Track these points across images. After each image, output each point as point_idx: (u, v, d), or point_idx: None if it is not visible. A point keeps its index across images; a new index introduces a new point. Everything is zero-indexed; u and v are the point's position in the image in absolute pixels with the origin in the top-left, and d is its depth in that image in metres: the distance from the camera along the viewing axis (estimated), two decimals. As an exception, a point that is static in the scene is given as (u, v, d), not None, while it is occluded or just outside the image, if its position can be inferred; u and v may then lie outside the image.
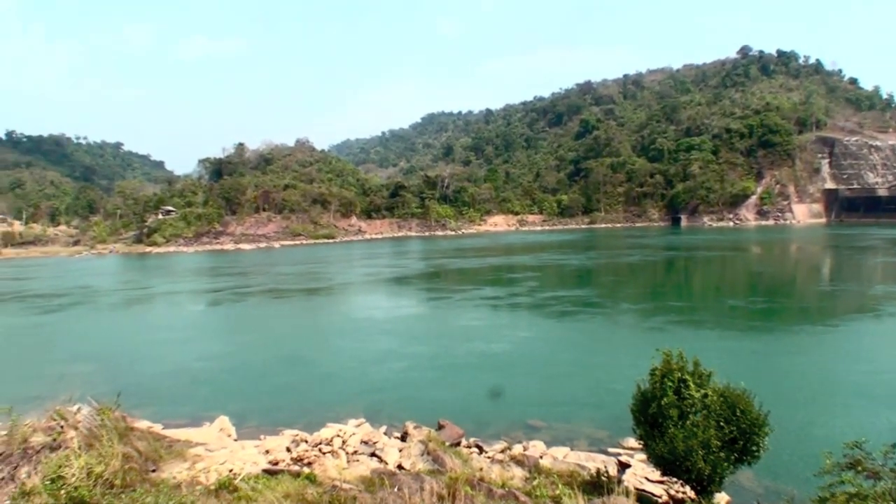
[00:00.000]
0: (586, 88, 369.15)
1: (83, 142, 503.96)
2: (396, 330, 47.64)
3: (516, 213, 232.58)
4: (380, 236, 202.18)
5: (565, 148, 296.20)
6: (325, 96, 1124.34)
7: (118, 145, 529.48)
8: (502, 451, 21.38)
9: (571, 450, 22.06)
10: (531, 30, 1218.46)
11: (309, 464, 19.02)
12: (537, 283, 71.99)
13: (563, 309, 54.17)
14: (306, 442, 21.51)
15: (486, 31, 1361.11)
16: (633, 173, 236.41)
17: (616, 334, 44.76)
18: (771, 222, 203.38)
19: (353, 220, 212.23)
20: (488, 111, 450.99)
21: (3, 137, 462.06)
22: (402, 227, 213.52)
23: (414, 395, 29.74)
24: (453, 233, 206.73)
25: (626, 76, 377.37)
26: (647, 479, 18.13)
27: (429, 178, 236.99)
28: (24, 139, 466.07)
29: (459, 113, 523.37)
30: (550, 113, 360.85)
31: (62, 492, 12.28)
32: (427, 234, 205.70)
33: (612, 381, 29.43)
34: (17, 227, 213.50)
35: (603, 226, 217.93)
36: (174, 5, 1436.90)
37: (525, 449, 21.84)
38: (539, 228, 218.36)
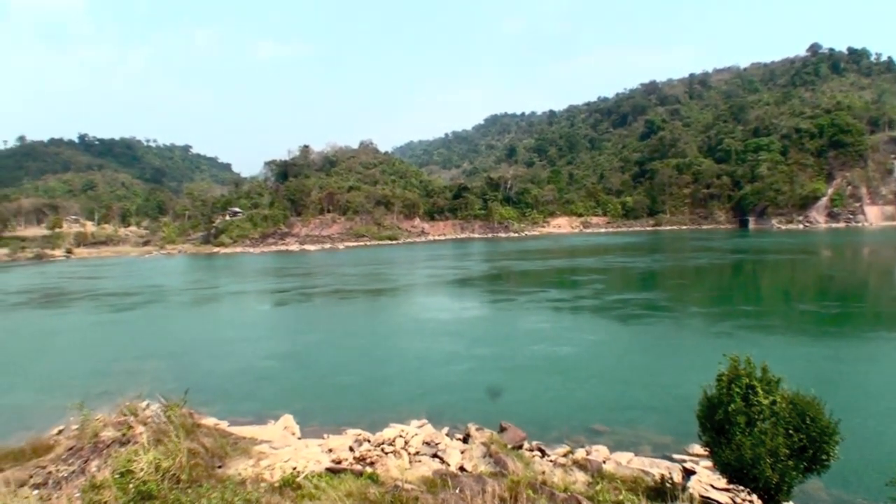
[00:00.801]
0: (651, 88, 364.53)
1: (153, 144, 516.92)
2: (460, 331, 47.59)
3: (580, 215, 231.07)
4: (443, 238, 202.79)
5: (630, 149, 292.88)
6: (389, 98, 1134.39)
7: (187, 148, 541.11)
8: (565, 455, 21.20)
9: (635, 455, 21.72)
10: (595, 30, 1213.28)
11: (371, 463, 19.10)
12: (602, 286, 71.13)
13: (629, 312, 53.50)
14: (369, 441, 21.61)
15: (549, 32, 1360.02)
16: (700, 174, 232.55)
17: (682, 338, 43.92)
18: (842, 225, 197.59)
19: (417, 221, 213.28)
20: (551, 112, 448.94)
21: (77, 140, 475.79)
22: (465, 228, 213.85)
23: (476, 397, 29.67)
24: (516, 234, 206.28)
25: (692, 76, 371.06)
26: (712, 486, 17.77)
27: (492, 180, 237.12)
28: (97, 142, 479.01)
29: (522, 114, 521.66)
30: (615, 113, 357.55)
31: (131, 486, 12.53)
32: (490, 235, 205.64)
33: (677, 386, 28.97)
34: (90, 227, 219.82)
35: (668, 228, 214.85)
36: (243, 10, 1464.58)
37: (588, 453, 21.60)
38: (603, 230, 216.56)
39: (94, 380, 34.51)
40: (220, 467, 15.92)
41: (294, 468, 15.62)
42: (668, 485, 15.75)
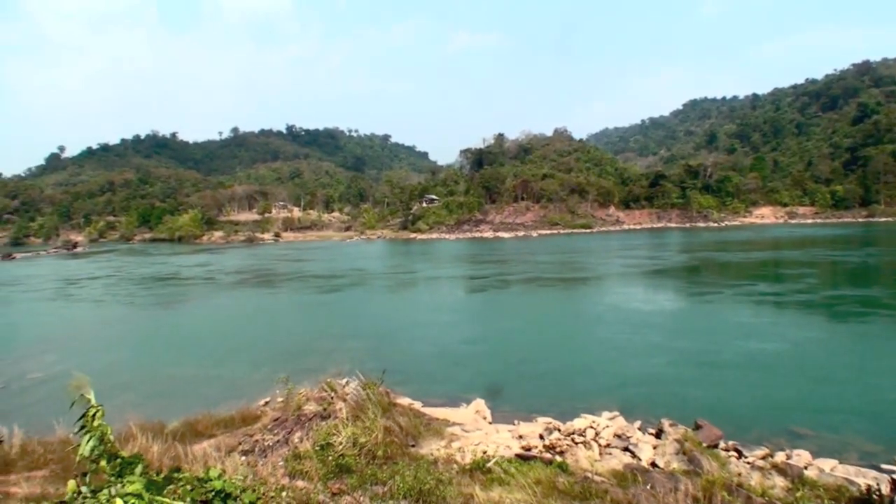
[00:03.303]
0: (864, 69, 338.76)
1: (354, 134, 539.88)
2: (657, 323, 46.46)
3: (785, 205, 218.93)
4: (638, 227, 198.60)
5: (840, 134, 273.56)
6: (584, 85, 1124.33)
7: (386, 137, 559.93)
8: (763, 458, 20.21)
9: (840, 462, 20.37)
10: (802, 8, 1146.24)
11: (561, 452, 19.01)
12: (812, 281, 66.81)
13: (842, 309, 50.06)
14: (559, 430, 21.50)
15: (753, 12, 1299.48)
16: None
17: (901, 339, 40.86)
18: None
19: (611, 210, 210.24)
20: (755, 96, 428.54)
21: (284, 131, 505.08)
22: (662, 217, 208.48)
23: (672, 392, 28.87)
24: (715, 224, 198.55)
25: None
26: (927, 500, 16.48)
27: (690, 167, 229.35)
28: (303, 132, 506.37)
29: (723, 98, 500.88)
30: (824, 96, 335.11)
31: (330, 458, 13.14)
32: (687, 225, 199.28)
33: (892, 391, 27.07)
34: (297, 212, 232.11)
35: (883, 220, 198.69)
36: (439, 2, 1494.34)
37: (788, 457, 20.45)
38: (810, 221, 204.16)
39: (298, 356, 36.48)
40: (413, 446, 16.40)
41: (484, 452, 15.82)
42: (874, 496, 14.73)
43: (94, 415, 5.29)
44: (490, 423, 23.60)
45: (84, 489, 4.82)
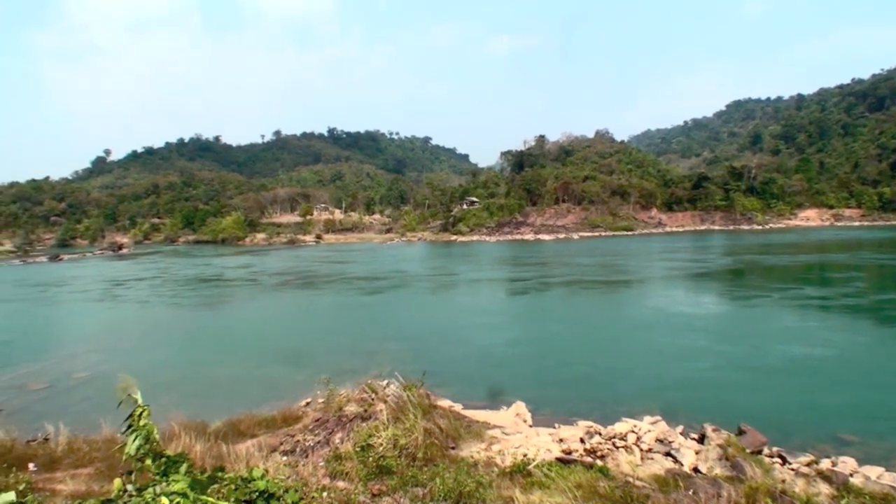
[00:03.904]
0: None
1: (395, 137, 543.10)
2: (701, 327, 45.93)
3: (831, 207, 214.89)
4: (680, 229, 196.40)
5: (888, 135, 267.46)
6: (625, 86, 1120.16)
7: (427, 139, 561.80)
8: (808, 465, 19.86)
9: (886, 470, 19.94)
10: (848, 6, 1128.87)
11: (602, 457, 18.92)
12: (860, 284, 65.55)
13: (891, 314, 48.91)
14: (600, 434, 21.37)
15: (796, 10, 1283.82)
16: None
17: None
18: None
19: (654, 212, 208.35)
20: (800, 96, 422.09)
21: (326, 134, 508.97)
22: (705, 220, 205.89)
23: (715, 396, 28.48)
24: (759, 227, 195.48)
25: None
26: (979, 509, 16.10)
27: (734, 169, 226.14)
28: (344, 135, 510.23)
29: (768, 99, 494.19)
30: (871, 96, 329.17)
31: (370, 459, 13.24)
32: (731, 227, 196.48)
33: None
34: (338, 215, 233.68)
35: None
36: (481, 6, 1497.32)
37: (833, 464, 20.09)
38: (857, 224, 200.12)
39: (339, 357, 36.66)
40: (453, 448, 16.41)
41: (525, 455, 15.76)
42: (922, 504, 14.49)
43: (140, 414, 5.35)
44: (530, 426, 23.52)
45: (129, 487, 4.88)
